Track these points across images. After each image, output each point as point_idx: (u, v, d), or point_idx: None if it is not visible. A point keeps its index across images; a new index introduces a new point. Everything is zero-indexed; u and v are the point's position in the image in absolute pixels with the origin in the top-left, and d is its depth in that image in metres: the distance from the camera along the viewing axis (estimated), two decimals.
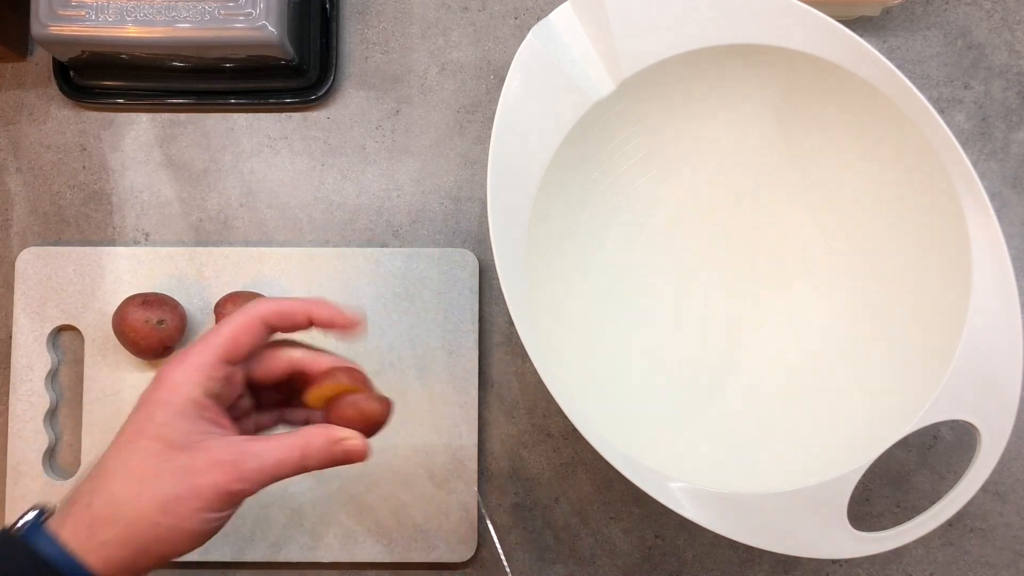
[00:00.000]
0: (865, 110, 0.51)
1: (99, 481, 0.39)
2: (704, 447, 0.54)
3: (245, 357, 0.42)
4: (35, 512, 0.39)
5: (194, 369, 0.40)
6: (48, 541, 0.37)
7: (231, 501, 0.39)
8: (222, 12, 0.55)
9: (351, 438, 0.41)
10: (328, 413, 0.42)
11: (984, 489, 0.48)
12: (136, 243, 0.62)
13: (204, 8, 0.55)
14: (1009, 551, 0.60)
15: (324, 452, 0.40)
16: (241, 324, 0.41)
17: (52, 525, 0.38)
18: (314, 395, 0.42)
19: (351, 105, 0.63)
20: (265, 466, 0.39)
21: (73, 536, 0.38)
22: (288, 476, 0.40)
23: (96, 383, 0.60)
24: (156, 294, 0.58)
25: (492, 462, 0.60)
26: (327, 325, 0.43)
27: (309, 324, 0.43)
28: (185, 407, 0.39)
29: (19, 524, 0.39)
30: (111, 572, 0.38)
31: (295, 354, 0.43)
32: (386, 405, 0.42)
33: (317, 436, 0.40)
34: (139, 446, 0.39)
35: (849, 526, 0.48)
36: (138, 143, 0.63)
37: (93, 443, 0.59)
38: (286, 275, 0.60)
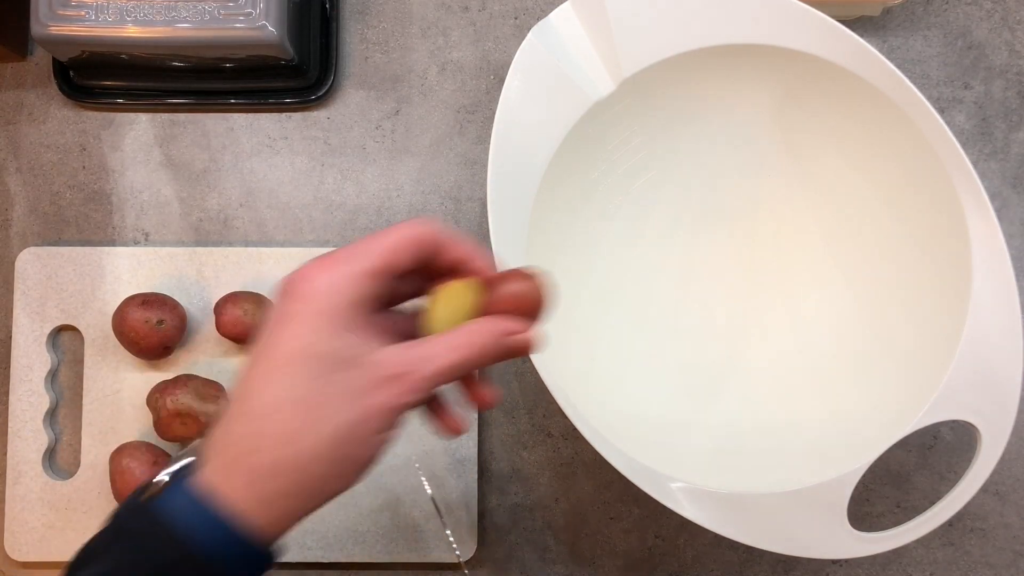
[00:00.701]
0: (865, 110, 0.51)
1: (249, 423, 0.33)
2: (704, 447, 0.54)
3: (391, 278, 0.35)
4: (179, 466, 0.33)
5: (341, 277, 0.34)
6: (198, 511, 0.31)
7: (403, 416, 0.34)
8: (222, 12, 0.55)
9: (520, 329, 0.37)
10: (488, 306, 0.37)
11: (984, 489, 0.48)
12: (136, 243, 0.62)
13: (204, 8, 0.55)
14: (1009, 551, 0.60)
15: (495, 347, 0.36)
16: (397, 243, 0.35)
17: (200, 487, 0.32)
18: (456, 288, 0.37)
19: (351, 105, 0.63)
20: (437, 372, 0.35)
21: (231, 495, 0.32)
22: (458, 378, 0.36)
23: (96, 383, 0.60)
24: (156, 294, 0.58)
25: (492, 462, 0.60)
26: (479, 273, 0.37)
27: (452, 268, 0.37)
28: (337, 318, 0.33)
29: (158, 486, 0.32)
30: (278, 529, 0.33)
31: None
32: (536, 284, 0.38)
33: (484, 332, 0.36)
34: (292, 371, 0.33)
35: (849, 526, 0.48)
36: (138, 143, 0.63)
37: (93, 443, 0.59)
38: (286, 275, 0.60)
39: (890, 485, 0.60)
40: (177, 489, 0.32)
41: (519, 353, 0.37)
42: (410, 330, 0.38)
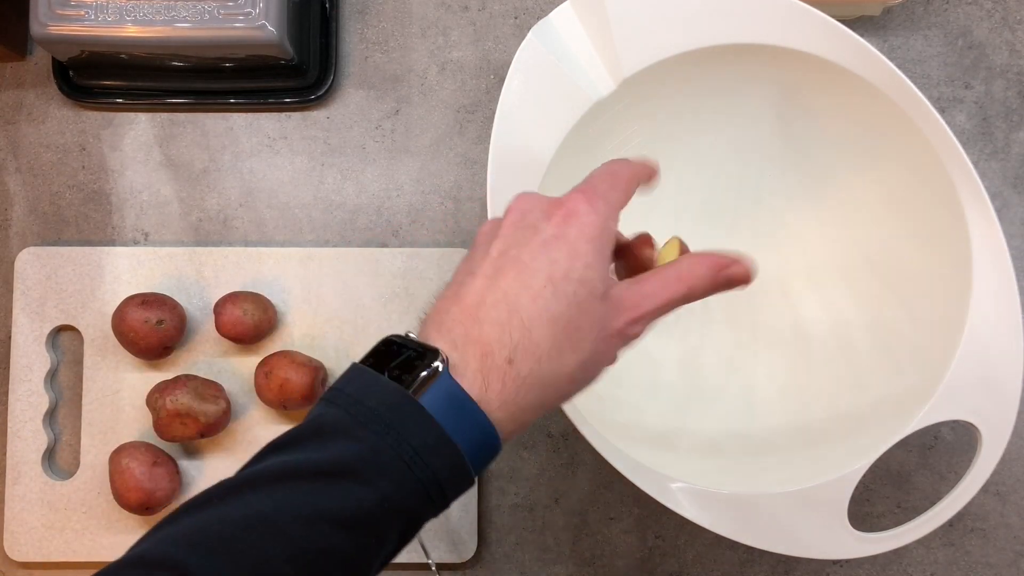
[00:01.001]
0: (865, 110, 0.51)
1: (520, 332, 0.34)
2: (704, 447, 0.54)
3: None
4: (438, 364, 0.34)
5: (607, 212, 0.37)
6: (462, 413, 0.34)
7: (626, 346, 0.37)
8: (222, 12, 0.55)
9: (735, 262, 0.39)
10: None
11: (984, 489, 0.48)
12: (136, 243, 0.62)
13: (204, 8, 0.55)
14: (1009, 551, 0.60)
15: (710, 280, 0.38)
16: (629, 182, 0.39)
17: (471, 385, 0.34)
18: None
19: (351, 105, 0.63)
20: (658, 305, 0.37)
21: (499, 399, 0.34)
22: (670, 312, 0.38)
23: (95, 383, 0.60)
24: (155, 294, 0.58)
25: (492, 462, 0.60)
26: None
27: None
28: (604, 249, 0.36)
29: (419, 380, 0.33)
30: (514, 430, 0.35)
31: None
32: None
33: (700, 265, 0.38)
34: (565, 292, 0.35)
35: (849, 526, 0.48)
36: (137, 143, 0.63)
37: (92, 443, 0.59)
38: (286, 275, 0.60)
39: (890, 485, 0.60)
40: (440, 388, 0.34)
41: (737, 282, 0.39)
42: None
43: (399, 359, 0.35)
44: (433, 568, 0.58)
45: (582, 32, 0.50)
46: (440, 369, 0.34)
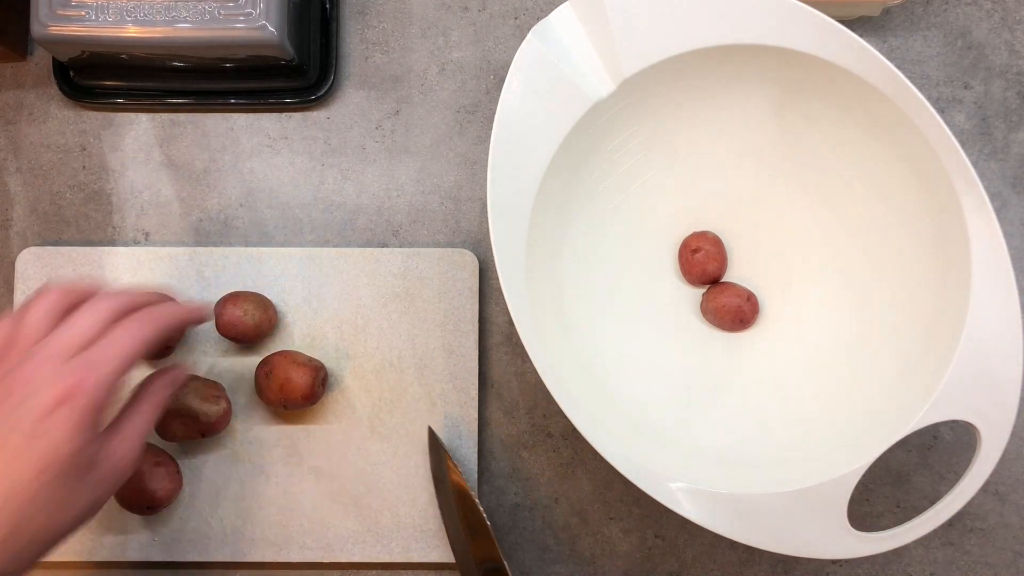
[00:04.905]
0: (865, 110, 0.51)
1: None
2: (704, 447, 0.54)
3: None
4: None
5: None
6: None
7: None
8: (222, 12, 0.55)
9: (184, 318, 0.50)
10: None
11: (984, 489, 0.48)
12: (136, 243, 0.62)
13: (204, 8, 0.55)
14: (1009, 551, 0.60)
15: (170, 380, 0.50)
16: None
17: None
18: None
19: (351, 105, 0.63)
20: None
21: None
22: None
23: None
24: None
25: (492, 462, 0.60)
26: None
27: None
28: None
29: None
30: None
31: None
32: None
33: (155, 382, 0.50)
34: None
35: (849, 526, 0.48)
36: (138, 143, 0.63)
37: None
38: (286, 275, 0.60)
39: (890, 485, 0.60)
40: None
41: (191, 324, 0.52)
42: None
43: None
44: None
45: (582, 32, 0.50)
46: None
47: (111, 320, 0.45)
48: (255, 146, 0.63)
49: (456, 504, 0.55)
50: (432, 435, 0.58)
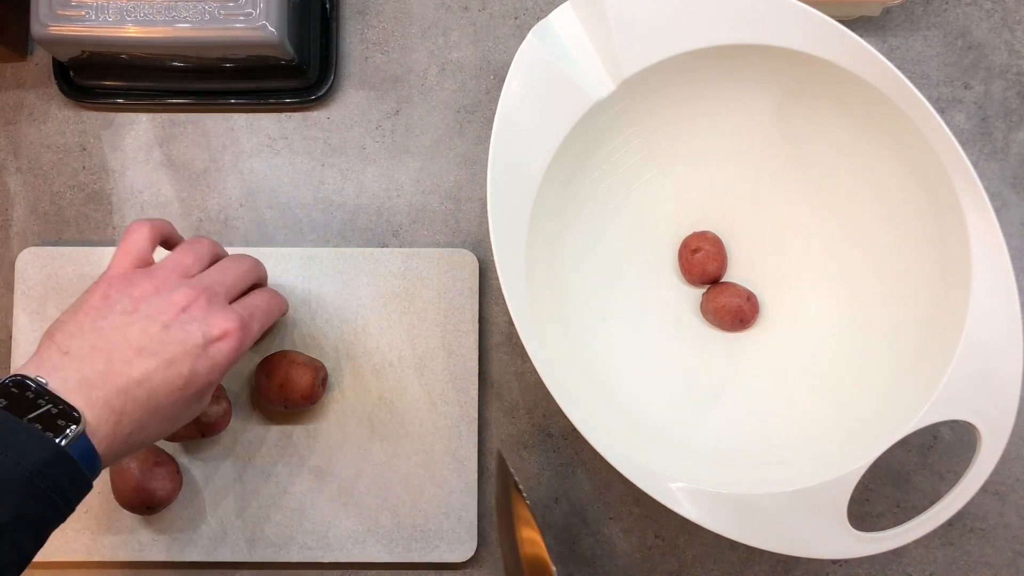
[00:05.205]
0: (865, 110, 0.51)
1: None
2: (704, 447, 0.54)
3: None
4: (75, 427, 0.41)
5: None
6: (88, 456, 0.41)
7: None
8: (222, 12, 0.55)
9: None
10: None
11: (984, 489, 0.48)
12: None
13: (204, 8, 0.55)
14: (1009, 551, 0.60)
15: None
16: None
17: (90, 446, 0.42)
18: None
19: (351, 105, 0.63)
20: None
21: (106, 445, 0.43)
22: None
23: None
24: None
25: (492, 462, 0.60)
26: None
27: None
28: None
29: (68, 437, 0.41)
30: (117, 460, 0.45)
31: None
32: None
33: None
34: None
35: (849, 526, 0.48)
36: (138, 143, 0.63)
37: None
38: (286, 275, 0.60)
39: (890, 485, 0.60)
40: (81, 444, 0.41)
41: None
42: None
43: (39, 411, 0.41)
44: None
45: (582, 32, 0.50)
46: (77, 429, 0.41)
47: (250, 275, 0.52)
48: (255, 146, 0.63)
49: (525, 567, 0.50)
50: (501, 462, 0.53)
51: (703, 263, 0.57)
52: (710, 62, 0.51)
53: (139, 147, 0.63)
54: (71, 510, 0.41)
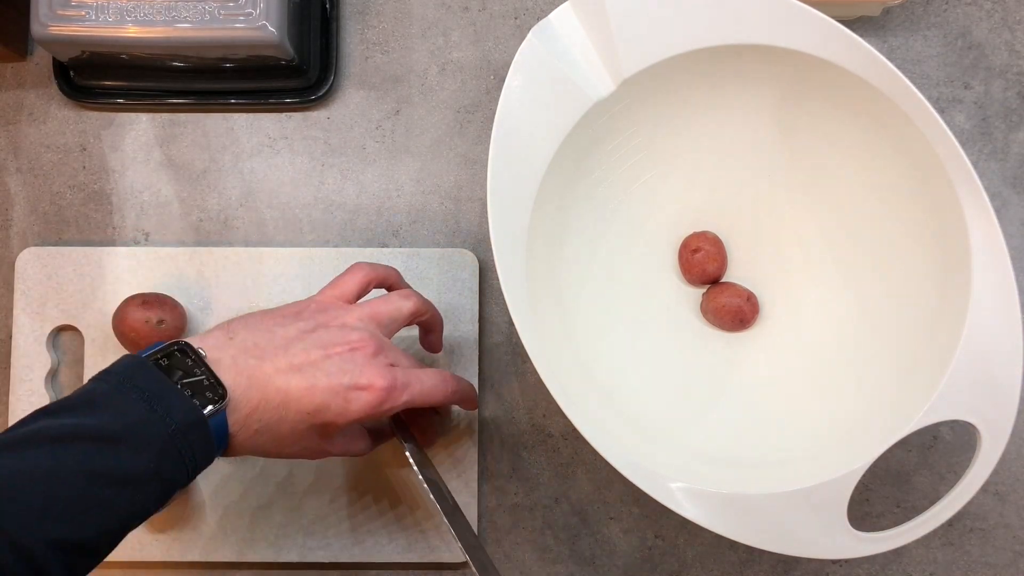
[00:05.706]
0: (865, 110, 0.51)
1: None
2: (704, 447, 0.54)
3: None
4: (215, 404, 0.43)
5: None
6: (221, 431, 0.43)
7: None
8: (222, 12, 0.55)
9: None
10: None
11: (984, 489, 0.48)
12: (136, 243, 0.62)
13: (204, 8, 0.55)
14: (1009, 551, 0.60)
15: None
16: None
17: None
18: None
19: (351, 105, 0.63)
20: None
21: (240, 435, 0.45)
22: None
23: None
24: (156, 294, 0.58)
25: (492, 462, 0.60)
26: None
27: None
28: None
29: (211, 413, 0.42)
30: (240, 454, 0.46)
31: None
32: None
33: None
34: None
35: (849, 526, 0.48)
36: (138, 143, 0.63)
37: None
38: (286, 275, 0.60)
39: (890, 485, 0.60)
40: (219, 419, 0.43)
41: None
42: None
43: (193, 379, 0.43)
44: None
45: (582, 32, 0.50)
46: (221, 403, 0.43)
47: (416, 313, 0.52)
48: (255, 146, 0.63)
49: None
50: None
51: (703, 263, 0.57)
52: (710, 62, 0.51)
53: (139, 147, 0.63)
54: (191, 479, 0.43)
